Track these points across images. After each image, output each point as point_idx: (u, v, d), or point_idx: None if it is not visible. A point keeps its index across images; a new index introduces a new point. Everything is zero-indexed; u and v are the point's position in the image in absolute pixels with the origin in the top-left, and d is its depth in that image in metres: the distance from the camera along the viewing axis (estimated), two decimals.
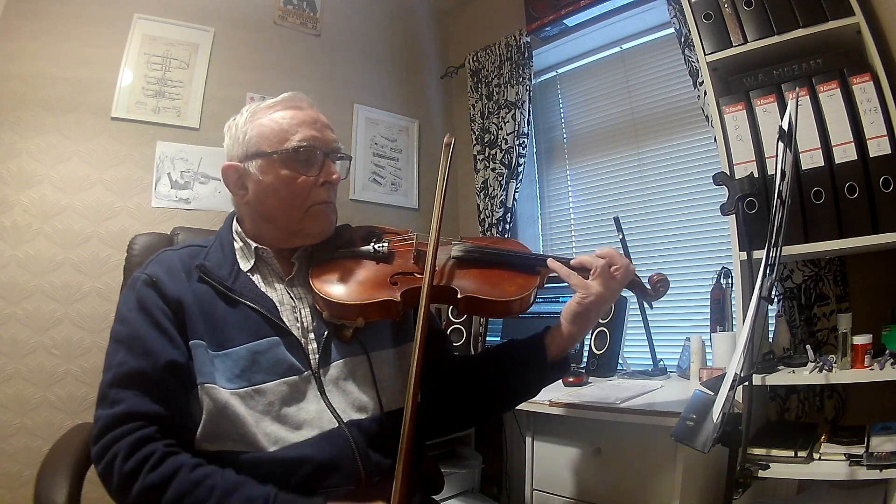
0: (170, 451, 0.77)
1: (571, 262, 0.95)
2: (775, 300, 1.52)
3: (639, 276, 1.10)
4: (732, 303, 1.55)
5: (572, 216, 2.38)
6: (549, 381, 1.02)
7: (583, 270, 0.93)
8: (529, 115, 2.30)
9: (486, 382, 1.00)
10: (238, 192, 0.95)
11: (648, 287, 1.08)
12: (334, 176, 0.94)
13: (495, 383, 1.00)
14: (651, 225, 2.08)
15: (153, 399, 0.79)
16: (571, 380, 1.56)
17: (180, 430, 0.80)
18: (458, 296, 0.90)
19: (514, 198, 2.30)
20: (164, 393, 0.80)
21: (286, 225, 0.93)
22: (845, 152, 1.25)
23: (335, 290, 0.89)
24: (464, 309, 0.93)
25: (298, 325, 0.90)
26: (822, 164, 1.28)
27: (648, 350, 1.77)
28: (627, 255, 1.79)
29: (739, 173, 1.38)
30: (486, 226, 2.38)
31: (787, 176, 1.06)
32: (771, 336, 1.50)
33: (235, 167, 0.94)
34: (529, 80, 2.29)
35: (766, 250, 0.99)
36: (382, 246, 0.96)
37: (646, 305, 1.13)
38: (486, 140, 2.42)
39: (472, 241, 1.00)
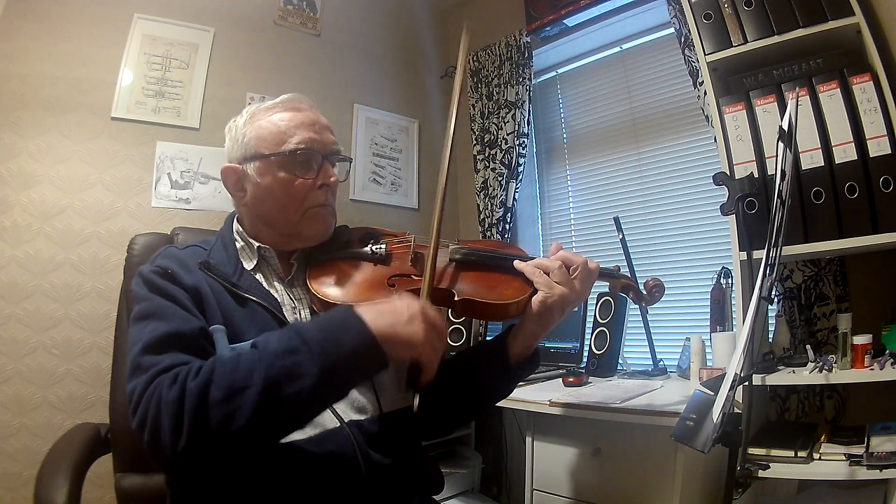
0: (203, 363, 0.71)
1: (531, 261, 0.94)
2: (775, 300, 1.52)
3: (636, 281, 1.11)
4: (732, 303, 1.55)
5: (572, 216, 2.38)
6: (518, 380, 1.02)
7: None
8: (529, 115, 2.30)
9: (455, 389, 1.00)
10: (237, 194, 0.95)
11: (644, 292, 1.09)
12: (332, 179, 0.93)
13: (464, 389, 1.00)
14: (651, 225, 2.08)
15: (192, 355, 0.73)
16: (571, 380, 1.56)
17: None
18: (456, 298, 0.90)
19: (514, 198, 2.30)
20: (202, 352, 0.75)
21: (284, 227, 0.93)
22: (845, 152, 1.25)
23: (333, 290, 0.89)
24: (461, 311, 0.94)
25: None
26: (822, 164, 1.28)
27: (648, 350, 1.77)
28: (627, 255, 1.79)
29: (739, 173, 1.38)
30: (486, 226, 2.38)
31: (787, 176, 1.06)
32: (771, 336, 1.50)
33: (234, 169, 0.94)
34: (529, 80, 2.29)
35: (766, 250, 0.99)
36: (380, 248, 0.96)
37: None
38: (486, 140, 2.42)
39: (470, 244, 1.00)
